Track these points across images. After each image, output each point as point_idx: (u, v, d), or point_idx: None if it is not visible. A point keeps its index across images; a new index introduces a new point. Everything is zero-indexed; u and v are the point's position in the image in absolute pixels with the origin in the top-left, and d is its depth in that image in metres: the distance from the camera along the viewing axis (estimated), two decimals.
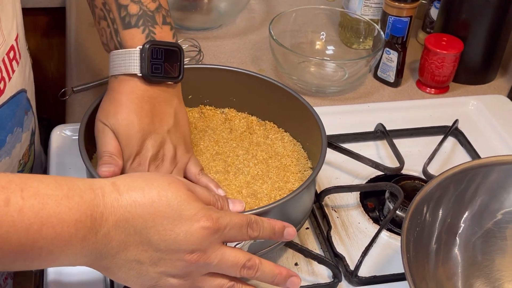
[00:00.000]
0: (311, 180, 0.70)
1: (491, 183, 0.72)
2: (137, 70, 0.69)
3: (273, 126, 0.86)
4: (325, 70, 1.10)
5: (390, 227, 0.81)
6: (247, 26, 1.25)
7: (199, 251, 0.57)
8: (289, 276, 0.63)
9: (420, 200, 0.67)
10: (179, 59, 0.72)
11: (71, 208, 0.53)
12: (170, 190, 0.57)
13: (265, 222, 0.63)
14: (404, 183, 0.84)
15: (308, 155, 0.81)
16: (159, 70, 0.70)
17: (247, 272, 0.60)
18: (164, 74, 0.71)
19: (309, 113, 0.79)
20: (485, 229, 0.72)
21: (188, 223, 0.56)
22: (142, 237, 0.56)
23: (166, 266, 0.57)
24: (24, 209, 0.51)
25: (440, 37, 1.07)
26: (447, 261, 0.71)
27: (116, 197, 0.55)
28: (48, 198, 0.52)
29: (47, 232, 0.51)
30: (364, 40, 1.14)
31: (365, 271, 0.75)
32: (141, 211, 0.55)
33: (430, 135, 0.97)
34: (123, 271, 0.57)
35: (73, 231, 0.52)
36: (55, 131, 0.90)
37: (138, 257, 0.56)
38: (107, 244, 0.55)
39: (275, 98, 0.84)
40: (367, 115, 1.00)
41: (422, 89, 1.10)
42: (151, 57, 0.69)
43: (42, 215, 0.51)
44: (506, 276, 0.73)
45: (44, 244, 0.52)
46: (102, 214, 0.54)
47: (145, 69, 0.69)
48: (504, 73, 1.16)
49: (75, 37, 1.16)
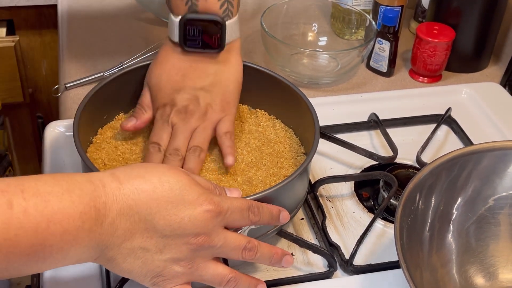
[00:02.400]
0: (306, 164, 0.70)
1: (483, 169, 0.72)
2: (176, 39, 0.77)
3: (264, 113, 0.86)
4: (317, 62, 1.10)
5: (384, 216, 0.81)
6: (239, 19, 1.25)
7: (203, 234, 0.57)
8: (283, 255, 0.65)
9: (412, 188, 0.67)
10: (220, 31, 0.76)
11: (73, 201, 0.53)
12: (170, 175, 0.57)
13: (264, 207, 0.64)
14: (398, 172, 0.84)
15: (301, 140, 0.82)
16: (196, 42, 0.76)
17: (248, 254, 0.61)
18: (202, 46, 0.76)
19: (300, 99, 0.80)
20: (478, 215, 0.73)
21: (191, 207, 0.57)
22: (147, 224, 0.56)
23: (171, 252, 0.57)
24: (28, 209, 0.50)
25: (432, 26, 1.07)
26: (441, 248, 0.71)
27: (117, 186, 0.55)
28: (49, 195, 0.52)
29: (55, 228, 0.51)
30: (356, 30, 1.14)
31: (360, 260, 0.75)
32: (145, 197, 0.56)
33: (423, 124, 0.98)
34: (129, 262, 0.57)
35: (80, 224, 0.52)
36: (49, 128, 0.90)
37: (144, 244, 0.56)
38: (113, 234, 0.55)
39: (265, 85, 0.84)
40: (360, 105, 1.00)
41: (415, 78, 1.10)
42: (187, 31, 0.76)
43: (47, 212, 0.51)
44: (501, 261, 0.73)
45: (54, 241, 0.51)
46: (105, 204, 0.54)
47: (182, 40, 0.76)
48: (497, 61, 1.16)
49: (67, 34, 1.16)
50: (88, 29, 1.18)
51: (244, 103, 0.87)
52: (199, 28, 0.75)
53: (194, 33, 0.75)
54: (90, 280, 0.70)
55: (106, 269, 0.71)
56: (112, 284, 0.69)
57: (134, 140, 0.79)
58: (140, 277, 0.58)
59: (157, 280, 0.58)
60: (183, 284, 0.59)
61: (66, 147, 0.87)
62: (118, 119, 0.83)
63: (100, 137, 0.79)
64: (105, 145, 0.78)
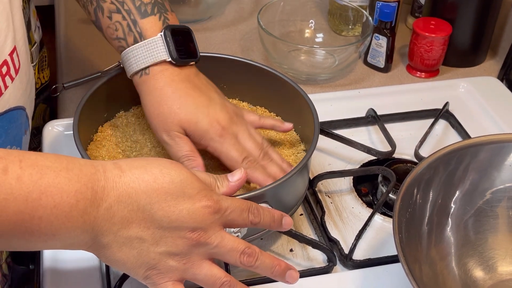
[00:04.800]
0: (306, 160, 0.71)
1: (481, 163, 0.72)
2: (166, 56, 0.71)
3: (265, 110, 0.86)
4: (315, 58, 1.10)
5: (384, 211, 0.82)
6: (236, 17, 1.25)
7: (200, 230, 0.57)
8: (287, 269, 0.62)
9: (410, 182, 0.67)
10: (193, 39, 0.76)
11: (70, 179, 0.52)
12: (172, 168, 0.57)
13: (265, 209, 0.63)
14: (396, 167, 0.84)
15: (301, 137, 0.82)
16: (183, 51, 0.73)
17: (247, 259, 0.59)
18: (187, 54, 0.74)
19: (300, 96, 0.80)
20: (476, 208, 0.73)
21: (191, 201, 0.57)
22: (145, 214, 0.55)
23: (167, 245, 0.57)
24: (22, 177, 0.50)
25: (428, 21, 1.07)
26: (440, 242, 0.71)
27: (118, 173, 0.55)
28: (47, 169, 0.52)
29: (46, 200, 0.51)
30: (353, 27, 1.14)
31: (360, 254, 0.75)
32: (145, 187, 0.55)
33: (421, 119, 0.98)
34: (124, 251, 0.56)
35: (73, 202, 0.52)
36: (47, 127, 0.90)
37: (140, 234, 0.56)
38: (109, 220, 0.55)
39: (265, 82, 0.84)
40: (358, 101, 1.00)
41: (412, 74, 1.10)
42: (175, 42, 0.72)
43: (41, 184, 0.51)
44: (500, 254, 0.73)
45: (43, 213, 0.51)
46: (103, 188, 0.54)
47: (173, 52, 0.72)
48: (494, 55, 1.16)
49: (64, 34, 1.16)
50: (85, 29, 1.18)
51: (244, 100, 0.87)
52: (180, 39, 0.73)
53: (178, 44, 0.73)
54: (90, 278, 0.71)
55: (106, 267, 0.71)
56: (112, 281, 0.70)
57: (135, 138, 0.80)
58: (134, 269, 0.57)
59: (150, 274, 0.57)
60: (175, 281, 0.58)
61: (65, 146, 0.87)
62: (119, 116, 0.83)
63: (101, 135, 0.79)
64: (105, 142, 0.78)
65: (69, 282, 0.70)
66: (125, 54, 0.73)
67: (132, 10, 0.72)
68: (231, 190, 0.63)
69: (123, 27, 0.73)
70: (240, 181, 0.63)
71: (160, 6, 0.74)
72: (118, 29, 0.73)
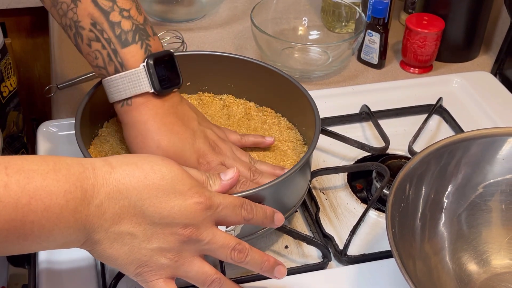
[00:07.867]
0: (305, 159, 0.71)
1: (473, 157, 0.72)
2: (149, 87, 0.69)
3: (271, 111, 0.86)
4: (308, 55, 1.10)
5: (378, 207, 0.82)
6: (230, 15, 1.26)
7: (192, 226, 0.57)
8: (276, 265, 0.63)
9: (403, 177, 0.67)
10: (176, 64, 0.73)
11: (58, 180, 0.52)
12: (163, 164, 0.57)
13: (257, 206, 0.63)
14: (390, 162, 0.84)
15: (304, 139, 0.82)
16: (165, 81, 0.70)
17: (238, 255, 0.60)
18: (169, 83, 0.71)
19: (304, 98, 0.80)
20: (469, 202, 0.73)
21: (182, 198, 0.57)
22: (136, 210, 0.56)
23: (159, 242, 0.57)
24: (9, 184, 0.50)
25: (421, 17, 1.07)
26: (434, 237, 0.71)
27: (108, 170, 0.55)
28: (34, 173, 0.52)
29: (36, 204, 0.51)
30: (346, 23, 1.15)
31: (354, 250, 0.75)
32: (136, 183, 0.56)
33: (415, 114, 0.98)
34: (115, 247, 0.56)
35: (63, 203, 0.52)
36: (41, 128, 0.90)
37: (132, 230, 0.56)
38: (101, 216, 0.55)
39: (273, 83, 0.84)
40: (352, 97, 1.00)
41: (406, 70, 1.11)
42: (157, 72, 0.69)
43: (29, 188, 0.51)
44: (494, 248, 0.74)
45: (34, 217, 0.51)
46: (93, 186, 0.54)
47: (156, 83, 0.69)
48: (487, 50, 1.16)
49: (58, 35, 1.16)
50: None
51: (251, 101, 0.87)
52: (163, 67, 0.70)
53: (161, 73, 0.70)
54: (86, 276, 0.71)
55: (101, 265, 0.71)
56: (108, 280, 0.70)
57: None
58: (125, 266, 0.57)
59: (141, 270, 0.58)
60: (166, 278, 0.58)
61: (59, 146, 0.87)
62: None
63: (106, 130, 0.80)
64: (110, 138, 0.79)
65: (65, 281, 0.71)
66: (106, 82, 0.71)
67: (112, 39, 0.69)
68: (223, 188, 0.63)
69: (103, 56, 0.70)
70: (233, 180, 0.64)
71: (141, 33, 0.70)
72: (98, 58, 0.70)
